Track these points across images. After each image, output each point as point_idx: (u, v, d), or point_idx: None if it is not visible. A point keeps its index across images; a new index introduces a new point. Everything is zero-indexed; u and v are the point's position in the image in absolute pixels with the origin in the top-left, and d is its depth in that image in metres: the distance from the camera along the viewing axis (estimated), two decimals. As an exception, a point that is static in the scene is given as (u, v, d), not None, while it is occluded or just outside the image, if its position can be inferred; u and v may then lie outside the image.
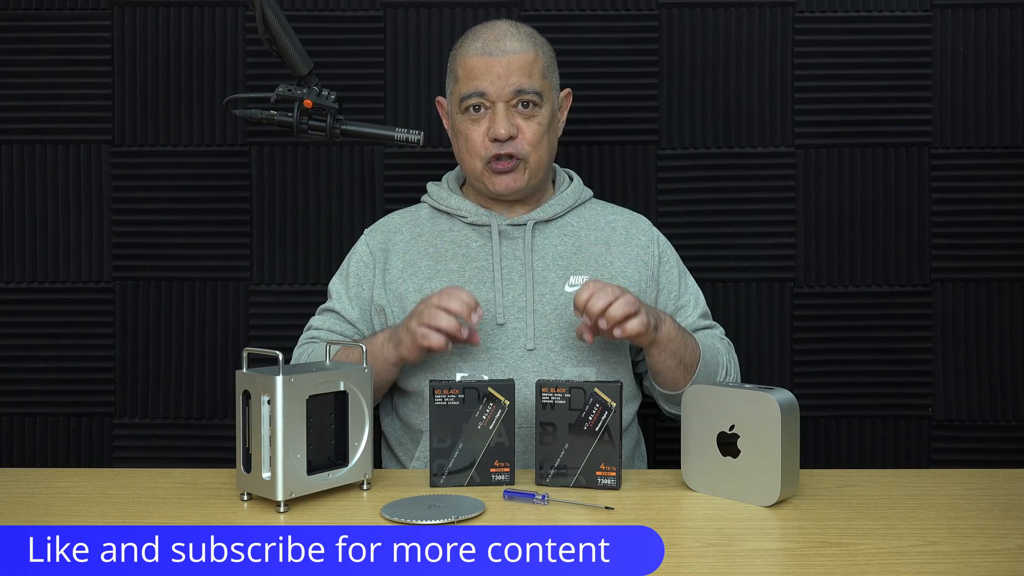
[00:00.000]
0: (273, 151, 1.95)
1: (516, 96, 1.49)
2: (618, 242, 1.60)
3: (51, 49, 1.94)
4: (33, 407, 1.96)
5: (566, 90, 1.62)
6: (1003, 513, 1.16)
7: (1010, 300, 1.94)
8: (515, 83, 1.49)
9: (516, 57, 1.49)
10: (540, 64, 1.52)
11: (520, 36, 1.52)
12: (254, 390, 1.17)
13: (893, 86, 1.93)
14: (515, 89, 1.49)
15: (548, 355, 1.50)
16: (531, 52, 1.51)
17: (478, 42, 1.51)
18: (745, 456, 1.19)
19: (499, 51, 1.49)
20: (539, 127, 1.52)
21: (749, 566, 1.01)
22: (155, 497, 1.23)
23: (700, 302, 1.65)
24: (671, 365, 1.46)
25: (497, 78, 1.48)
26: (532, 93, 1.50)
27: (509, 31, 1.52)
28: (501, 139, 1.49)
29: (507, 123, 1.49)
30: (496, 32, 1.52)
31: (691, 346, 1.48)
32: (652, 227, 1.66)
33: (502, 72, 1.48)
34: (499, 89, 1.49)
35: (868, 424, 1.96)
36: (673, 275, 1.62)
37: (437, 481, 1.27)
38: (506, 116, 1.49)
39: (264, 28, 1.41)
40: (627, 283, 1.56)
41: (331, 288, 1.63)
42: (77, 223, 1.95)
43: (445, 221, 1.60)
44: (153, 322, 1.96)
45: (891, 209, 1.94)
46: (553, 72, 1.57)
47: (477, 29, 1.55)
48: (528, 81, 1.50)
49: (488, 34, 1.52)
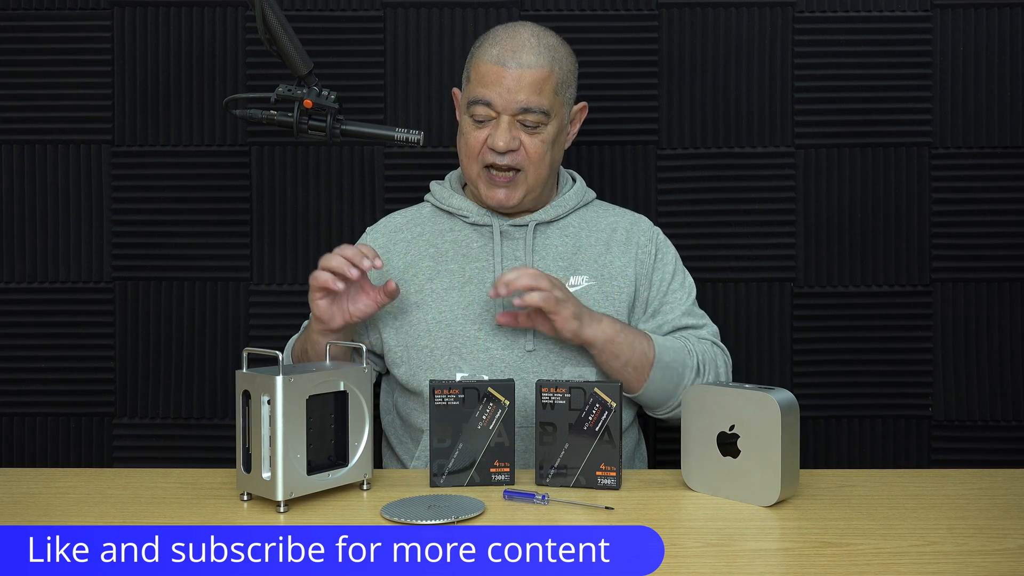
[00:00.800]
0: (273, 151, 1.95)
1: (522, 113, 1.48)
2: (618, 242, 1.59)
3: (51, 49, 1.94)
4: (33, 407, 1.96)
5: (581, 104, 1.60)
6: (1003, 513, 1.16)
7: (1010, 300, 1.94)
8: (522, 100, 1.47)
9: (529, 72, 1.47)
10: (553, 80, 1.49)
11: (539, 49, 1.48)
12: (254, 390, 1.17)
13: (893, 86, 1.93)
14: (522, 106, 1.47)
15: (547, 356, 1.50)
16: (546, 68, 1.48)
17: (495, 48, 1.48)
18: (745, 456, 1.19)
19: (513, 63, 1.47)
20: (542, 144, 1.50)
21: (749, 566, 1.01)
22: (155, 497, 1.23)
23: (689, 301, 1.61)
24: (615, 367, 1.46)
25: (506, 91, 1.46)
26: (539, 112, 1.48)
27: (528, 42, 1.48)
28: (499, 151, 1.48)
29: (508, 136, 1.47)
30: (516, 41, 1.48)
31: (642, 348, 1.46)
32: (652, 227, 1.65)
33: (512, 86, 1.46)
34: (506, 103, 1.47)
35: (868, 424, 1.96)
36: (666, 272, 1.61)
37: (437, 481, 1.27)
38: (509, 129, 1.48)
39: (264, 28, 1.41)
40: (625, 283, 1.56)
41: None
42: (77, 223, 1.95)
43: (446, 221, 1.60)
44: (153, 322, 1.96)
45: (891, 209, 1.94)
46: (568, 87, 1.54)
47: (499, 32, 1.52)
48: (536, 99, 1.47)
49: (507, 42, 1.49)
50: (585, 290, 1.53)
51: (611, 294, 1.55)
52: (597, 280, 1.55)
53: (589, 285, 1.54)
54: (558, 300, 1.39)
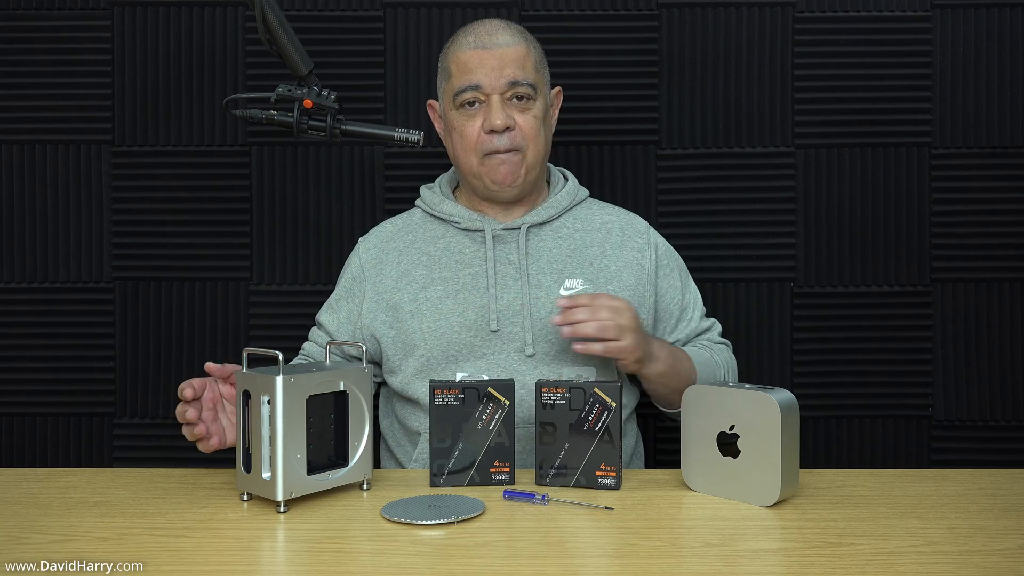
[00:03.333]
0: (273, 151, 1.95)
1: (511, 88, 1.49)
2: (614, 244, 1.59)
3: (51, 49, 1.94)
4: (33, 407, 1.96)
5: (556, 88, 1.62)
6: (1003, 513, 1.16)
7: (1010, 300, 1.94)
8: (509, 75, 1.49)
9: (509, 50, 1.50)
10: (532, 58, 1.53)
11: (511, 31, 1.53)
12: (254, 390, 1.17)
13: (893, 86, 1.93)
14: (510, 80, 1.49)
15: (544, 359, 1.50)
16: (523, 46, 1.52)
17: (470, 37, 1.52)
18: (745, 456, 1.19)
19: (492, 44, 1.50)
20: (535, 119, 1.52)
21: (749, 566, 1.01)
22: (155, 497, 1.23)
23: (700, 304, 1.66)
24: (662, 393, 1.52)
25: (491, 70, 1.49)
26: (526, 85, 1.50)
27: (500, 26, 1.53)
28: (498, 129, 1.49)
29: (503, 114, 1.49)
30: (487, 27, 1.53)
31: (685, 373, 1.50)
32: (649, 228, 1.65)
33: (496, 64, 1.49)
34: (494, 81, 1.49)
35: (868, 424, 1.96)
36: (675, 281, 1.62)
37: (437, 481, 1.27)
38: (502, 107, 1.49)
39: (264, 28, 1.41)
40: (622, 286, 1.55)
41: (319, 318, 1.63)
42: (77, 223, 1.95)
43: (438, 227, 1.59)
44: (153, 322, 1.96)
45: (891, 209, 1.94)
46: (544, 68, 1.57)
47: (468, 26, 1.56)
48: (522, 73, 1.50)
49: (479, 29, 1.53)
50: (581, 293, 1.53)
51: (606, 297, 1.55)
52: (592, 283, 1.54)
53: (584, 288, 1.53)
54: (621, 348, 1.39)
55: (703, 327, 1.65)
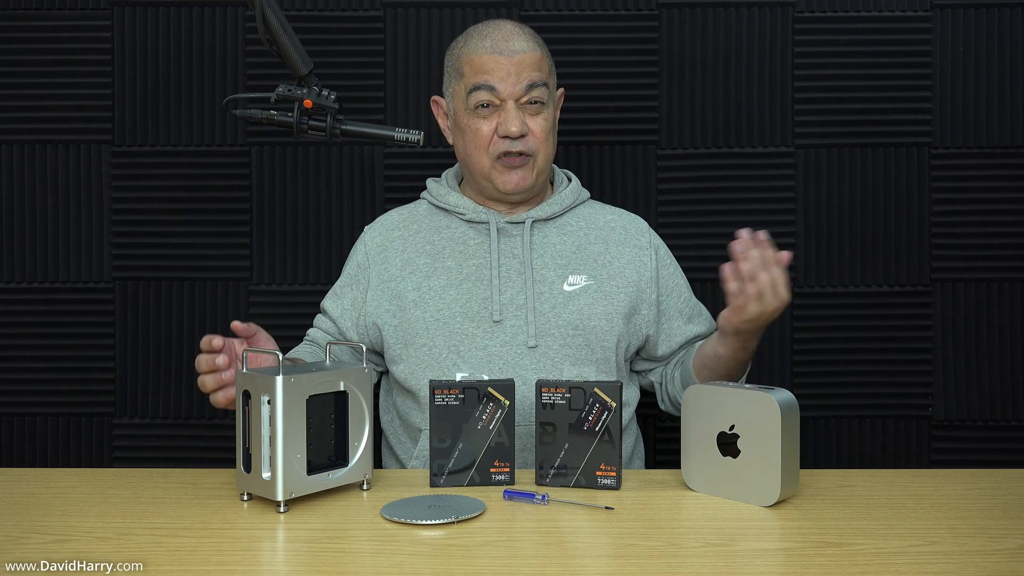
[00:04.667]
0: (273, 151, 1.95)
1: (527, 92, 1.50)
2: (616, 242, 1.60)
3: (51, 49, 1.94)
4: (33, 407, 1.96)
5: (560, 89, 1.63)
6: (1003, 513, 1.16)
7: (1010, 300, 1.94)
8: (527, 78, 1.50)
9: (526, 56, 1.51)
10: (546, 63, 1.54)
11: (526, 36, 1.53)
12: (254, 390, 1.17)
13: (893, 86, 1.93)
14: (528, 83, 1.50)
15: (547, 352, 1.50)
16: (538, 51, 1.53)
17: (486, 41, 1.52)
18: (745, 456, 1.19)
19: (508, 51, 1.50)
20: (546, 123, 1.53)
21: (749, 566, 1.01)
22: (155, 497, 1.23)
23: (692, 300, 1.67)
24: (733, 365, 1.51)
25: (508, 75, 1.49)
26: (542, 86, 1.52)
27: (515, 31, 1.53)
28: (513, 136, 1.50)
29: (519, 120, 1.50)
30: (503, 32, 1.53)
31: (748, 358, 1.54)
32: (649, 229, 1.66)
33: (513, 70, 1.50)
34: (510, 87, 1.50)
35: (868, 424, 1.96)
36: (679, 281, 1.64)
37: (437, 481, 1.27)
38: (517, 114, 1.50)
39: (264, 28, 1.41)
40: (625, 283, 1.56)
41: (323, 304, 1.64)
42: (77, 223, 1.95)
43: (443, 218, 1.60)
44: (153, 322, 1.96)
45: (891, 209, 1.94)
46: (554, 71, 1.58)
47: (481, 28, 1.55)
48: (539, 75, 1.52)
49: (495, 33, 1.52)
50: (584, 289, 1.53)
51: (610, 294, 1.55)
52: (596, 279, 1.55)
53: (588, 284, 1.54)
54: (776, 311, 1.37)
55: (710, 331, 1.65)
